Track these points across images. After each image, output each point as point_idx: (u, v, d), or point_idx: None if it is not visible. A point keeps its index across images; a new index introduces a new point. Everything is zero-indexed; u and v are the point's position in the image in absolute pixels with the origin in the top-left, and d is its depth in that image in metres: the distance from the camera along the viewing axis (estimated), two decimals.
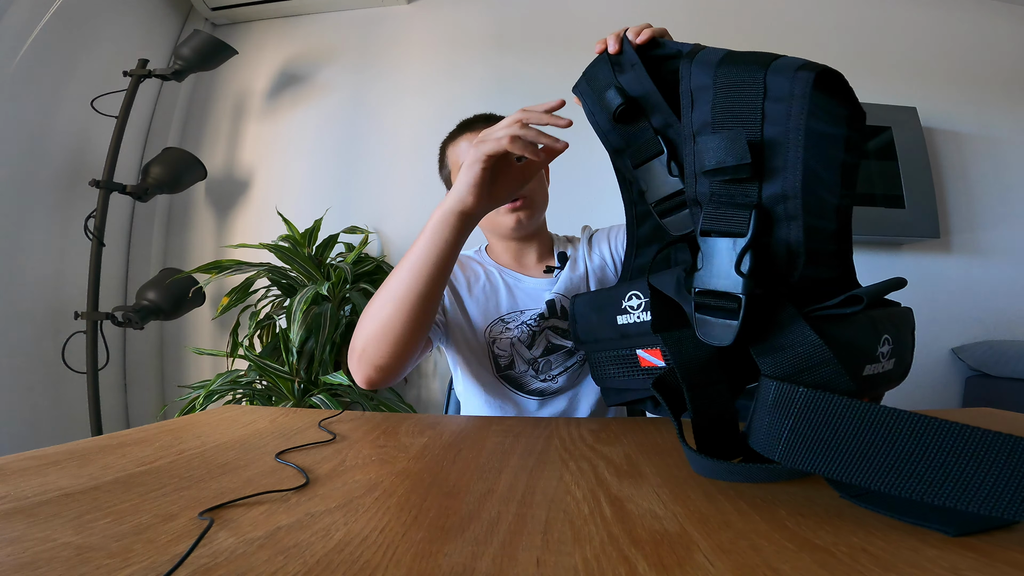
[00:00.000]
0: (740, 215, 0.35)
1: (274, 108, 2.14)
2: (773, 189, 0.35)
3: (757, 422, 0.32)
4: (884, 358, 0.36)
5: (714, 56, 0.37)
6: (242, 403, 1.50)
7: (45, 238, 1.67)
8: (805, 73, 0.33)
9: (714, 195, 0.37)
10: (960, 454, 0.24)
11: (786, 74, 0.33)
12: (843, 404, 0.28)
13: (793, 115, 0.33)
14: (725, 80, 0.35)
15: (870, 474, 0.26)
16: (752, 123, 0.34)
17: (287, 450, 0.45)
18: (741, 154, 0.34)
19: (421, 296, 0.57)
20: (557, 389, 0.79)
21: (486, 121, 0.81)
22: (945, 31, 2.01)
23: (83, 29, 1.76)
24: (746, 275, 0.34)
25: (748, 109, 0.35)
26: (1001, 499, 0.23)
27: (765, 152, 0.34)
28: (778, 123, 0.34)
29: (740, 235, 0.35)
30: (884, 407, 0.26)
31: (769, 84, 0.34)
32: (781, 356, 0.33)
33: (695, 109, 0.38)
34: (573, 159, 1.92)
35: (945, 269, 1.87)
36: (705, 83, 0.36)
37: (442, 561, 0.23)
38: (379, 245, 1.99)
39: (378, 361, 0.60)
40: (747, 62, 0.35)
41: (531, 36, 2.07)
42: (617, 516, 0.29)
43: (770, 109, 0.34)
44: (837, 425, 0.28)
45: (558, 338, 0.78)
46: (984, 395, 1.72)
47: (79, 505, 0.31)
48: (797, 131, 0.33)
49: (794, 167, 0.34)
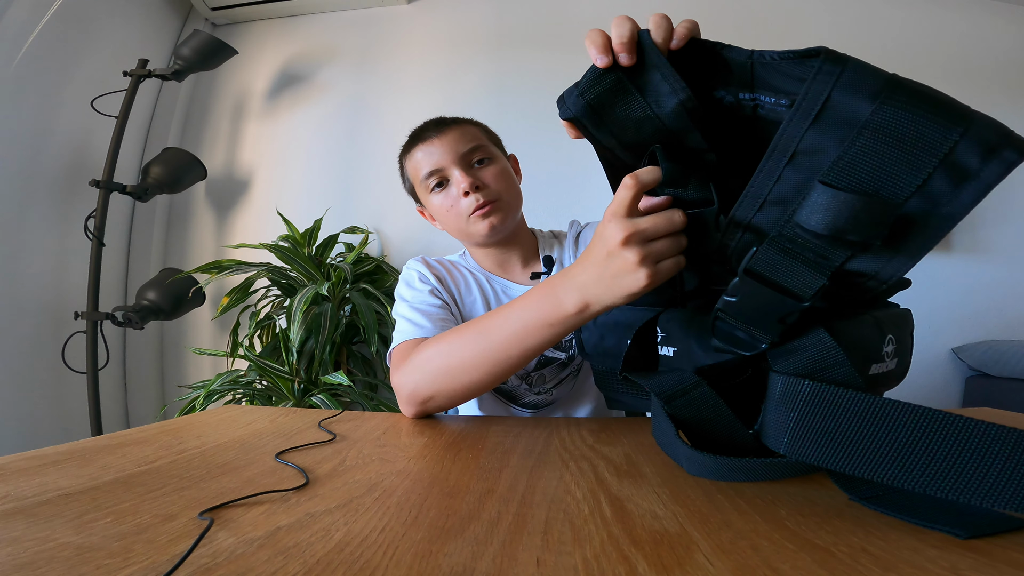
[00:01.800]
0: (808, 278, 0.29)
1: (274, 108, 2.14)
2: (863, 265, 0.29)
3: (766, 417, 0.32)
4: (888, 358, 0.35)
5: (876, 81, 0.27)
6: (242, 403, 1.50)
7: (45, 238, 1.68)
8: (1009, 154, 0.25)
9: (783, 236, 0.30)
10: (963, 447, 0.24)
11: (983, 144, 0.25)
12: (847, 396, 0.28)
13: (959, 200, 0.26)
14: (892, 122, 0.26)
15: (873, 466, 0.26)
16: (899, 188, 0.26)
17: (287, 450, 0.45)
18: (877, 233, 0.27)
19: (513, 371, 0.54)
20: (551, 401, 0.78)
21: (436, 127, 0.75)
22: (945, 31, 2.01)
23: (83, 29, 1.76)
24: (787, 325, 0.31)
25: (907, 171, 0.26)
26: (1003, 493, 0.24)
27: (898, 230, 0.27)
28: (933, 201, 0.26)
29: (797, 298, 0.30)
30: (888, 399, 0.27)
31: (959, 150, 0.25)
32: (795, 359, 0.32)
33: (819, 128, 0.29)
34: (553, 148, 1.93)
35: (945, 269, 1.87)
36: (858, 112, 0.27)
37: (442, 561, 0.23)
38: (379, 245, 1.99)
39: (439, 409, 0.60)
40: (933, 108, 0.26)
41: (531, 36, 2.07)
42: (617, 516, 0.29)
43: (937, 181, 0.26)
44: (841, 417, 0.28)
45: (551, 351, 0.76)
46: (984, 395, 1.72)
47: (79, 505, 0.31)
48: (947, 219, 0.27)
49: (909, 256, 0.28)
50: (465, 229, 0.74)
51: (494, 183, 0.74)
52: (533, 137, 1.90)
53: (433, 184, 0.74)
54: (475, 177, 0.72)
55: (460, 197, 0.72)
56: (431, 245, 1.94)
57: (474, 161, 0.74)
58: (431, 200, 0.76)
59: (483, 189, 0.72)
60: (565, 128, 0.42)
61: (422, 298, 0.74)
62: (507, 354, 0.52)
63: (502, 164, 0.77)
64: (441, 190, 0.74)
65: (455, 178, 0.72)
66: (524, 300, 0.50)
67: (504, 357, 0.52)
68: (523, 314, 0.50)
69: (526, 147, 1.18)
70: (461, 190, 0.71)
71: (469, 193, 0.71)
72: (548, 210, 1.75)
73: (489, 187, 0.73)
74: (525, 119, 1.97)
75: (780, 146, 0.30)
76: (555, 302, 0.47)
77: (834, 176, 0.28)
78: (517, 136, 1.19)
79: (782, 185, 0.31)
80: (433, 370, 0.57)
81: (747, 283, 0.32)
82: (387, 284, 1.75)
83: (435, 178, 0.73)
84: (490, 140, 0.79)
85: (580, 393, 0.79)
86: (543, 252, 0.84)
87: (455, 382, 0.56)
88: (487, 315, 0.55)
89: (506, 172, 0.76)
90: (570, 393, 0.79)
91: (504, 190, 0.74)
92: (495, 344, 0.52)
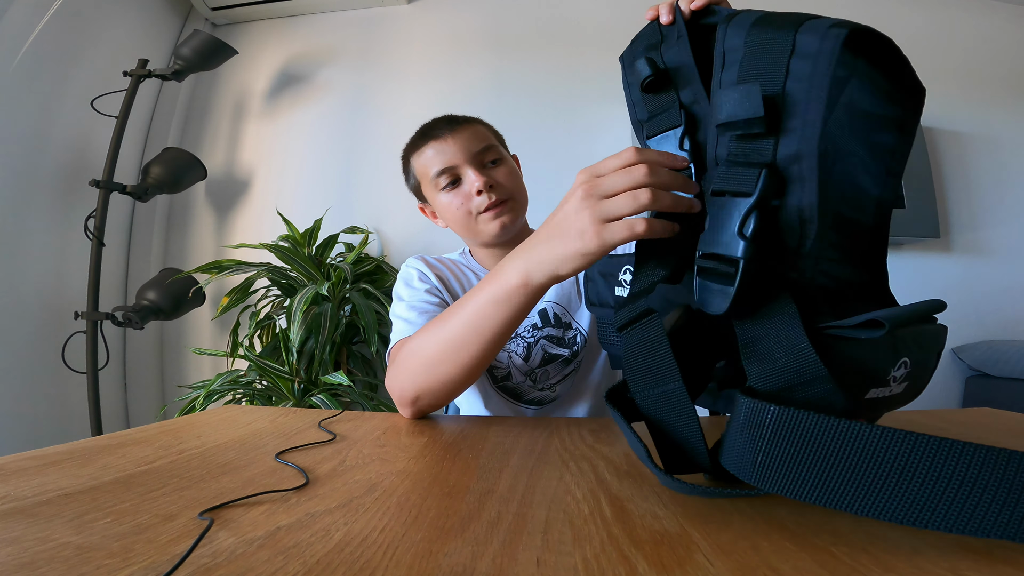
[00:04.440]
0: (750, 173, 0.33)
1: (274, 108, 2.14)
2: (788, 148, 0.33)
3: (729, 441, 0.30)
4: (895, 382, 0.32)
5: (750, 18, 0.35)
6: (242, 403, 1.50)
7: (45, 238, 1.68)
8: (837, 30, 0.31)
9: (730, 154, 0.35)
10: (954, 475, 0.22)
11: (817, 31, 0.31)
12: (818, 422, 0.25)
13: (817, 72, 0.31)
14: (756, 39, 0.34)
15: (855, 500, 0.24)
16: (773, 79, 0.33)
17: (287, 450, 0.45)
18: (754, 107, 0.32)
19: (484, 358, 0.52)
20: (554, 397, 0.78)
21: (449, 125, 0.75)
22: (945, 30, 2.01)
23: (83, 29, 1.76)
24: (748, 237, 0.32)
25: (772, 66, 0.33)
26: (1010, 523, 0.21)
27: (783, 108, 0.33)
28: (800, 80, 0.32)
29: (747, 194, 0.33)
30: (864, 425, 0.24)
31: (798, 41, 0.32)
32: (771, 366, 0.30)
33: (725, 70, 0.36)
34: (552, 148, 1.93)
35: (945, 269, 1.87)
36: (737, 44, 0.35)
37: (442, 561, 0.23)
38: (379, 245, 1.99)
39: (432, 407, 0.60)
40: (781, 21, 0.34)
41: (530, 36, 2.07)
42: (617, 516, 0.29)
43: (795, 66, 0.32)
44: (814, 447, 0.25)
45: (554, 347, 0.77)
46: (984, 395, 1.72)
47: (79, 505, 0.31)
48: (819, 88, 0.31)
49: (812, 125, 0.32)
50: (474, 228, 0.75)
51: (507, 182, 0.75)
52: (532, 137, 1.90)
53: (445, 183, 0.74)
54: (489, 176, 0.73)
55: (472, 196, 0.73)
56: (431, 245, 1.94)
57: (487, 161, 0.75)
58: (439, 198, 0.76)
59: (496, 188, 0.73)
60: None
61: (420, 297, 0.73)
62: (466, 340, 0.51)
63: (511, 164, 0.78)
64: (452, 188, 0.74)
65: (468, 177, 0.73)
66: (478, 284, 0.50)
67: (465, 344, 0.51)
68: (474, 296, 0.49)
69: (526, 147, 1.18)
70: (475, 189, 0.72)
71: (482, 192, 0.72)
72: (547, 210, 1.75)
73: (503, 186, 0.74)
74: (525, 119, 1.97)
75: (714, 97, 0.36)
76: (501, 278, 0.46)
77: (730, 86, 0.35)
78: (517, 136, 1.19)
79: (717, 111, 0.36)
80: (413, 368, 0.56)
81: (712, 205, 0.35)
82: (387, 284, 1.75)
83: (447, 176, 0.74)
84: (498, 140, 0.80)
85: (580, 390, 0.80)
86: None
87: (431, 378, 0.55)
88: (451, 306, 0.54)
89: (516, 173, 0.78)
90: (571, 390, 0.79)
91: (515, 190, 0.76)
92: (455, 332, 0.51)
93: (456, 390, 0.56)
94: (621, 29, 0.45)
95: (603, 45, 1.67)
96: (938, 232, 1.79)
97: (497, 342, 0.51)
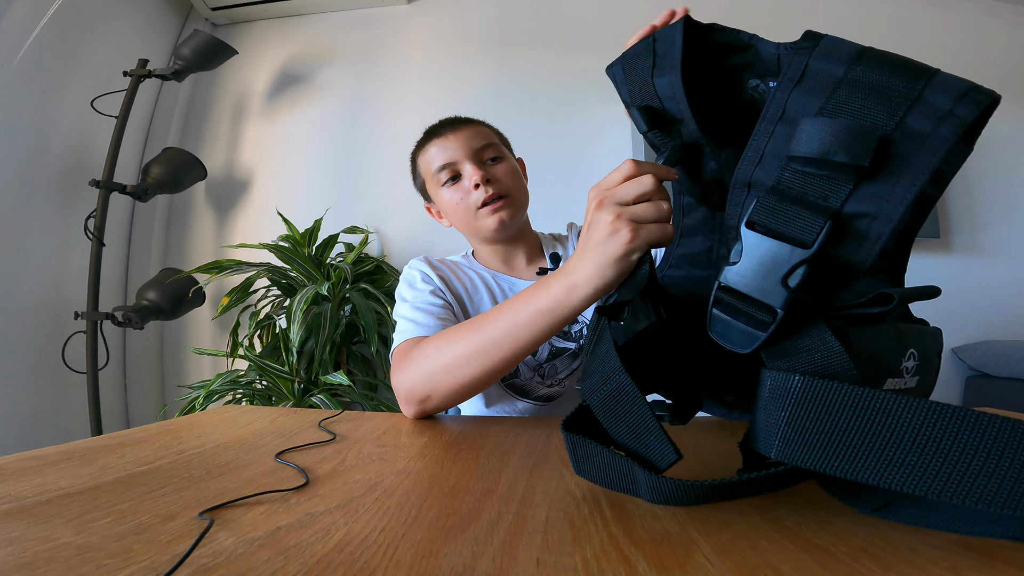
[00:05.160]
0: (811, 220, 0.29)
1: (274, 108, 2.14)
2: (862, 205, 0.29)
3: (756, 420, 0.29)
4: (908, 373, 0.32)
5: (848, 45, 0.31)
6: (242, 403, 1.50)
7: (45, 238, 1.68)
8: (978, 95, 0.28)
9: (781, 183, 0.31)
10: (978, 446, 0.21)
11: (951, 91, 0.28)
12: (843, 391, 0.25)
13: (938, 136, 0.28)
14: (867, 75, 0.30)
15: (876, 470, 0.24)
16: (878, 125, 0.29)
17: (287, 450, 0.45)
18: (863, 155, 0.28)
19: (510, 365, 0.54)
20: (561, 393, 0.78)
21: (452, 124, 0.77)
22: (944, 30, 2.01)
23: (83, 29, 1.76)
24: (792, 290, 0.29)
25: (883, 112, 0.29)
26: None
27: (885, 159, 0.29)
28: (912, 139, 0.28)
29: (802, 245, 0.29)
30: (888, 393, 0.24)
31: (926, 95, 0.28)
32: (795, 361, 0.29)
33: (801, 89, 0.31)
34: (552, 148, 1.93)
35: (945, 269, 1.87)
36: (834, 72, 0.31)
37: (442, 561, 0.23)
38: (379, 245, 1.99)
39: (439, 409, 0.60)
40: (898, 62, 0.30)
41: (531, 36, 2.08)
42: (617, 516, 0.29)
43: (912, 119, 0.28)
44: (838, 415, 0.25)
45: (561, 341, 0.77)
46: (984, 395, 1.72)
47: (79, 505, 0.31)
48: (933, 154, 0.28)
49: (905, 191, 0.28)
50: (474, 223, 0.77)
51: (505, 179, 0.76)
52: (533, 137, 1.90)
53: (445, 178, 0.76)
54: (486, 171, 0.75)
55: (471, 190, 0.74)
56: (431, 245, 1.94)
57: (487, 158, 0.77)
58: (441, 194, 0.77)
59: (494, 183, 0.75)
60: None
61: (424, 298, 0.74)
62: (502, 347, 0.52)
63: (512, 163, 0.80)
64: (452, 184, 0.76)
65: (467, 172, 0.75)
66: (520, 294, 0.51)
67: (499, 349, 0.52)
68: (517, 305, 0.50)
69: (526, 147, 1.18)
70: (472, 183, 0.74)
71: (480, 186, 0.73)
72: (547, 210, 1.75)
73: (500, 182, 0.76)
74: (525, 119, 1.97)
75: (771, 110, 0.33)
76: (547, 290, 0.47)
77: (811, 112, 0.31)
78: (517, 136, 1.19)
79: (776, 140, 0.32)
80: (430, 368, 0.57)
81: (749, 238, 0.30)
82: (387, 284, 1.75)
83: (447, 172, 0.76)
84: (501, 141, 0.82)
85: None
86: (547, 250, 0.86)
87: (451, 379, 0.55)
88: (485, 312, 0.55)
89: (516, 171, 0.80)
90: (574, 385, 0.80)
91: (514, 187, 0.77)
92: (491, 338, 0.52)
93: (470, 394, 0.57)
94: (622, 29, 0.45)
95: (604, 45, 1.67)
96: (938, 232, 1.79)
97: (528, 351, 0.52)
